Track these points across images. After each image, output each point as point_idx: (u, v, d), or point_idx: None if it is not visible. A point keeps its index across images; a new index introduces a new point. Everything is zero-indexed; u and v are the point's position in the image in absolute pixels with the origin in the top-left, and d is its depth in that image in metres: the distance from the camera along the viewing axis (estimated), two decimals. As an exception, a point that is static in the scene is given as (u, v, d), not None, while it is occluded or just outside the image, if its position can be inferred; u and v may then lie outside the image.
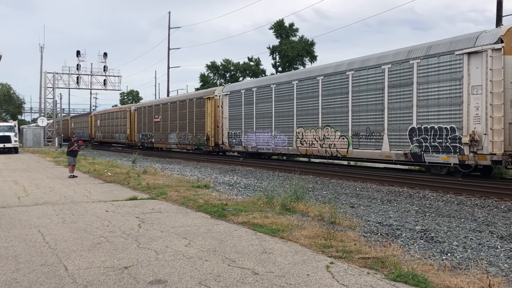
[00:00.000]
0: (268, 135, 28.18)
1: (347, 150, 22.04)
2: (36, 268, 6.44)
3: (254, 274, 6.11)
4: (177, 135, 40.86)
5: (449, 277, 5.92)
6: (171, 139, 42.32)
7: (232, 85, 35.23)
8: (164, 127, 43.95)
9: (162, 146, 45.81)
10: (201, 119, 36.42)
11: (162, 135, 44.30)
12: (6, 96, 70.53)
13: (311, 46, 73.69)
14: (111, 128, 61.13)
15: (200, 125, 36.56)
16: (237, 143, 31.58)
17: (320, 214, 9.77)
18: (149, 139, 47.61)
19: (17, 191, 15.19)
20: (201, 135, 36.39)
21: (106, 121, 63.41)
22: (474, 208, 12.13)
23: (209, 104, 35.13)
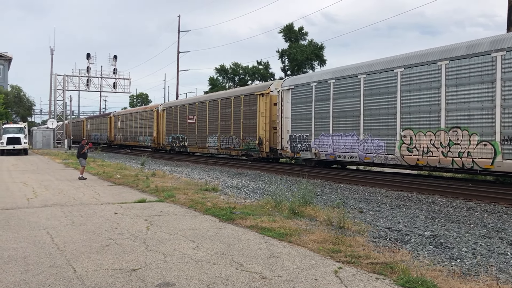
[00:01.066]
0: (352, 139, 21.88)
1: (492, 161, 15.80)
2: (45, 269, 6.47)
3: (262, 278, 6.10)
4: (217, 138, 35.30)
5: (459, 283, 5.88)
6: (210, 143, 36.59)
7: (296, 78, 27.70)
8: (201, 129, 38.37)
9: (197, 150, 40.27)
10: (251, 119, 30.86)
11: (199, 138, 38.63)
12: (17, 98, 70.86)
13: (320, 50, 73.68)
14: (134, 130, 56.00)
15: (249, 126, 30.99)
16: (303, 149, 25.29)
17: (328, 218, 9.74)
18: (182, 142, 42.01)
19: (26, 192, 15.27)
20: (251, 139, 30.66)
21: (128, 122, 58.23)
22: (484, 214, 12.04)
23: (263, 102, 29.57)
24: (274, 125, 28.53)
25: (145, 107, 57.15)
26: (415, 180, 18.84)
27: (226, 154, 35.59)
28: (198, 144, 38.82)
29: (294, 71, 71.80)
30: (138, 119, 54.24)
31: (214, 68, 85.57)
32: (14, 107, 69.98)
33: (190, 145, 40.62)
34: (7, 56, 74.85)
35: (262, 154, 30.11)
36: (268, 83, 30.75)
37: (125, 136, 59.38)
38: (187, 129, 40.89)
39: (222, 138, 34.68)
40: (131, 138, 57.11)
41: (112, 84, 68.17)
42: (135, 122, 55.36)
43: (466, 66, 16.85)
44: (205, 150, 38.13)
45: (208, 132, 36.96)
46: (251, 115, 30.96)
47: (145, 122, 51.93)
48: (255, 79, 78.17)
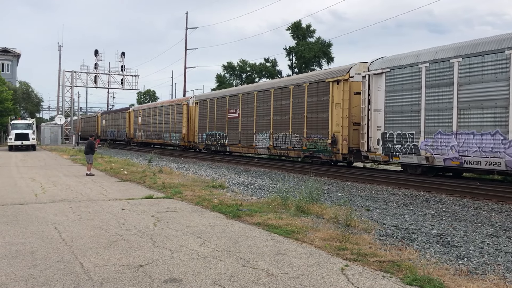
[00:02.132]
0: (494, 139, 16.24)
1: None
2: (53, 264, 6.51)
3: (269, 275, 6.11)
4: (270, 136, 29.30)
5: (465, 282, 5.86)
6: (258, 142, 30.65)
7: (393, 58, 20.97)
8: (246, 124, 32.36)
9: (241, 150, 34.31)
10: (319, 112, 24.94)
11: (243, 136, 32.66)
12: (25, 94, 71.19)
13: (328, 47, 73.47)
14: (158, 126, 50.29)
15: (317, 122, 25.12)
16: (405, 151, 19.57)
17: (335, 216, 9.73)
18: (220, 140, 36.14)
19: (34, 188, 15.35)
20: (320, 137, 24.74)
21: (151, 117, 52.80)
22: (491, 213, 11.99)
23: (338, 90, 23.47)
24: (355, 120, 22.96)
25: (172, 100, 51.39)
26: (422, 178, 18.77)
27: (281, 155, 29.50)
28: (242, 143, 32.87)
29: (302, 68, 71.69)
30: (164, 114, 48.70)
31: (222, 65, 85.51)
32: (23, 103, 70.35)
33: (231, 143, 34.61)
34: (15, 52, 75.24)
35: (336, 156, 23.88)
36: (345, 67, 23.94)
37: (147, 133, 54.14)
38: (227, 125, 34.91)
39: (276, 136, 28.66)
40: (154, 135, 51.69)
41: (120, 80, 68.34)
42: (160, 117, 49.91)
43: None
44: (252, 150, 32.06)
45: (256, 129, 30.95)
46: (319, 108, 24.99)
47: (172, 117, 46.34)
48: (262, 76, 78.13)
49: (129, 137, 60.49)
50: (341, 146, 23.29)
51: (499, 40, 16.39)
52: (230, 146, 35.04)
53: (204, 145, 39.23)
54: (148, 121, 53.74)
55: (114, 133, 67.83)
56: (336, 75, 23.91)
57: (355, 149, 22.82)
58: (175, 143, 46.20)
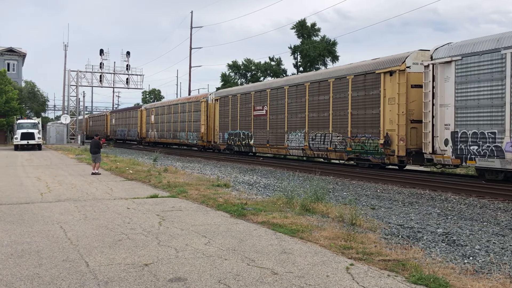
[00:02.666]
0: None
1: None
2: (58, 263, 6.53)
3: (274, 274, 6.10)
4: (304, 136, 26.16)
5: (471, 281, 5.84)
6: (290, 142, 27.54)
7: (464, 44, 17.73)
8: (274, 123, 29.37)
9: (270, 151, 31.01)
10: (367, 108, 21.91)
11: (271, 135, 29.61)
12: (30, 93, 71.37)
13: (333, 46, 73.40)
14: (173, 125, 47.38)
15: (365, 119, 22.07)
16: (484, 153, 16.47)
17: (340, 215, 9.72)
18: (244, 140, 32.98)
19: (40, 187, 15.41)
20: (370, 137, 21.61)
21: (165, 116, 49.94)
22: (497, 211, 11.94)
23: (392, 83, 20.71)
24: (412, 117, 20.17)
25: (189, 97, 47.57)
26: (428, 177, 18.73)
27: (318, 157, 26.13)
28: (271, 143, 29.69)
29: (307, 67, 71.64)
30: (179, 111, 45.58)
31: (226, 64, 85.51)
32: (28, 103, 70.58)
33: (257, 144, 31.46)
34: (21, 52, 75.47)
35: (390, 159, 21.00)
36: (399, 56, 21.07)
37: (161, 132, 51.16)
38: (253, 124, 31.78)
39: (313, 135, 25.50)
40: (169, 135, 48.65)
41: (125, 80, 68.47)
42: (175, 115, 46.83)
43: None
44: (282, 151, 28.99)
45: (288, 128, 27.85)
46: (368, 103, 21.96)
47: (188, 115, 43.30)
48: (267, 75, 78.12)
49: (141, 136, 57.99)
50: (396, 147, 20.31)
51: None
52: (256, 147, 31.79)
53: (225, 145, 36.13)
54: (162, 119, 50.79)
55: (125, 133, 65.02)
56: (389, 65, 21.01)
57: (414, 150, 19.90)
58: (192, 143, 43.32)
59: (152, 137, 54.00)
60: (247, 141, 32.88)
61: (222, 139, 36.86)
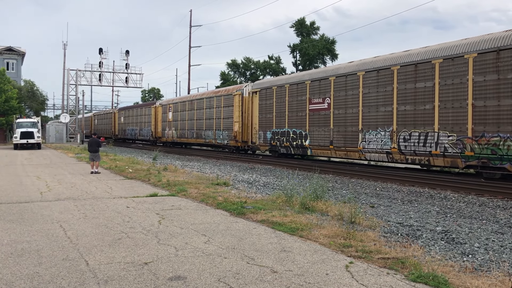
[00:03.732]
0: None
1: None
2: (58, 262, 6.53)
3: (273, 272, 6.11)
4: (391, 135, 20.43)
5: (470, 278, 5.85)
6: (368, 143, 21.67)
7: None
8: (343, 119, 23.43)
9: (336, 154, 24.47)
10: (503, 97, 16.22)
11: (338, 134, 23.76)
12: (30, 92, 71.35)
13: (332, 44, 73.49)
14: (197, 123, 41.75)
15: (499, 112, 16.33)
16: None
17: (339, 213, 9.73)
18: (296, 140, 27.25)
19: (40, 186, 15.41)
20: (507, 137, 15.99)
21: (186, 113, 44.32)
22: (496, 209, 11.96)
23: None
24: None
25: (217, 90, 41.10)
26: (427, 175, 18.75)
27: (415, 163, 20.04)
28: (337, 144, 23.75)
29: (306, 65, 71.65)
30: (205, 107, 40.11)
31: (226, 63, 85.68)
32: (28, 102, 70.57)
33: (315, 145, 25.52)
34: (20, 51, 75.42)
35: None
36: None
37: (181, 131, 45.44)
38: (308, 120, 26.09)
39: (405, 134, 19.81)
40: (191, 134, 42.94)
41: (124, 79, 68.35)
42: (199, 112, 41.31)
43: None
44: (355, 155, 23.01)
45: (364, 125, 22.10)
46: (503, 90, 16.23)
47: (217, 111, 37.82)
48: (266, 74, 78.14)
49: (156, 136, 52.35)
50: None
51: None
52: (313, 148, 25.78)
53: (268, 147, 30.51)
54: (182, 117, 45.06)
55: (136, 132, 59.46)
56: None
57: None
58: (222, 143, 37.33)
59: (169, 137, 48.36)
60: (299, 141, 26.95)
61: (263, 139, 31.01)
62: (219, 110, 37.50)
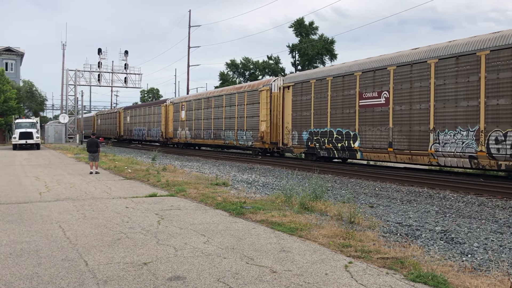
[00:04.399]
0: None
1: None
2: (57, 263, 6.53)
3: (272, 272, 6.11)
4: (477, 135, 16.85)
5: (469, 278, 5.86)
6: (444, 145, 18.04)
7: None
8: (407, 115, 19.86)
9: (395, 159, 20.69)
10: None
11: (400, 134, 20.11)
12: (29, 93, 71.32)
13: (331, 44, 73.50)
14: (214, 122, 38.03)
15: None
16: None
17: (339, 213, 9.73)
18: (341, 141, 23.32)
19: (39, 186, 15.40)
20: None
21: (201, 111, 40.71)
22: (496, 209, 11.97)
23: None
24: None
25: (239, 86, 37.15)
26: (426, 175, 18.76)
27: None
28: (399, 147, 20.11)
29: (305, 65, 71.68)
30: (225, 105, 36.56)
31: (225, 63, 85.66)
32: (27, 102, 70.54)
33: (367, 147, 21.78)
34: (19, 52, 75.38)
35: None
36: None
37: (195, 131, 41.87)
38: (358, 119, 22.37)
39: (499, 135, 16.10)
40: (207, 135, 39.43)
41: (123, 79, 68.34)
42: (218, 110, 37.66)
43: None
44: (423, 159, 19.26)
45: (437, 123, 18.40)
46: None
47: (239, 109, 34.25)
48: (265, 74, 78.14)
49: (166, 136, 48.82)
50: None
51: None
52: (365, 151, 22.05)
53: (304, 149, 26.72)
54: (197, 115, 41.33)
55: (143, 132, 55.93)
56: None
57: None
58: (245, 145, 33.50)
59: (182, 137, 44.73)
60: (345, 143, 23.13)
61: (297, 140, 27.11)
62: (241, 108, 33.86)
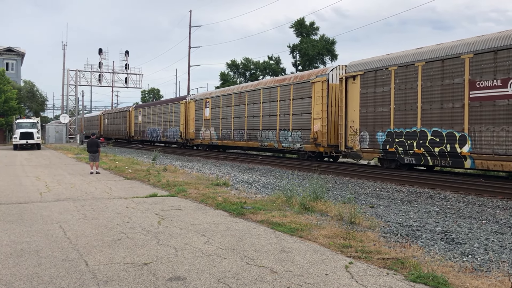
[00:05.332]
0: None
1: None
2: (57, 263, 6.53)
3: (273, 272, 6.11)
4: None
5: (470, 279, 5.85)
6: None
7: None
8: None
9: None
10: None
11: None
12: (30, 93, 71.34)
13: (332, 44, 73.51)
14: (248, 121, 32.84)
15: None
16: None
17: (339, 213, 9.73)
18: (440, 145, 18.36)
19: (39, 187, 15.40)
20: None
21: (230, 108, 35.59)
22: (496, 209, 11.96)
23: None
24: None
25: (281, 78, 30.81)
26: (426, 175, 18.74)
27: None
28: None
29: (306, 66, 71.67)
30: (262, 101, 31.17)
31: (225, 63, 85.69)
32: (27, 102, 70.58)
33: (483, 153, 16.76)
34: (20, 52, 75.43)
35: None
36: None
37: (223, 131, 36.65)
38: (469, 115, 17.29)
39: None
40: (239, 135, 34.12)
41: (124, 79, 68.39)
42: (253, 107, 32.26)
43: None
44: None
45: None
46: None
47: (282, 105, 28.88)
48: (266, 74, 78.15)
49: (187, 137, 43.88)
50: None
51: None
52: (479, 158, 16.85)
53: (380, 154, 21.68)
54: (226, 113, 36.43)
55: (158, 133, 51.34)
56: None
57: None
58: (291, 148, 28.29)
59: (206, 138, 39.85)
60: (447, 147, 18.04)
61: (368, 143, 22.13)
62: (286, 103, 28.59)
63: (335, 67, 25.72)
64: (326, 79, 25.11)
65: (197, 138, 41.83)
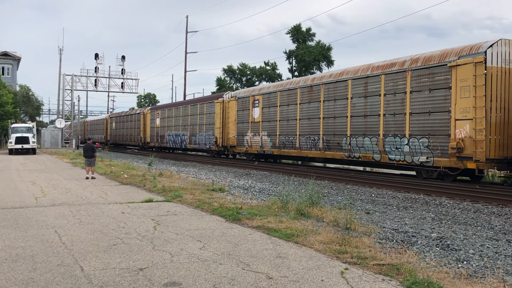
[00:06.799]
0: None
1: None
2: (53, 268, 6.51)
3: (268, 278, 6.11)
4: None
5: (465, 285, 5.87)
6: None
7: None
8: None
9: None
10: None
11: None
12: (25, 97, 71.12)
13: (328, 51, 73.65)
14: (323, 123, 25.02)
15: None
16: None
17: (335, 219, 9.74)
18: None
19: (35, 191, 15.35)
20: None
21: (295, 107, 27.66)
22: (491, 216, 11.99)
23: None
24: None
25: (390, 63, 21.37)
26: (422, 181, 18.78)
27: None
28: None
29: (302, 72, 71.80)
30: (352, 96, 23.10)
31: (222, 68, 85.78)
32: (23, 107, 70.36)
33: None
34: (16, 56, 75.30)
35: None
36: None
37: (282, 137, 29.00)
38: None
39: None
40: (310, 143, 25.99)
41: (120, 84, 68.30)
42: (328, 104, 24.66)
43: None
44: None
45: None
46: None
47: (387, 100, 20.97)
48: (262, 79, 78.25)
49: (224, 144, 36.54)
50: None
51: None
52: None
53: None
54: (286, 114, 28.76)
55: (183, 138, 43.59)
56: None
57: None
58: (407, 162, 20.03)
59: (254, 146, 32.14)
60: None
61: None
62: (396, 98, 20.60)
63: (496, 41, 17.32)
64: (483, 59, 16.92)
65: (240, 145, 34.03)
